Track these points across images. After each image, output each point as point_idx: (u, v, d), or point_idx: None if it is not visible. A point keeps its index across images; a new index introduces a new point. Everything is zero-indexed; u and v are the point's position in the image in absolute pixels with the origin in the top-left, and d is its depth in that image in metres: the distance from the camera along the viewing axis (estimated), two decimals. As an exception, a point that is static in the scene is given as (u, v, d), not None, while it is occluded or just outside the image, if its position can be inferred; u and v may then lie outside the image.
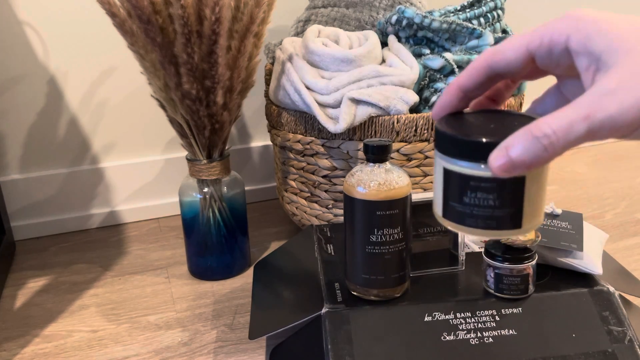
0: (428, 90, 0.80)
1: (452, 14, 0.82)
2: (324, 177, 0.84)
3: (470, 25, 0.80)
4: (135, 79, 1.00)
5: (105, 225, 1.08)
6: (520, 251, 0.59)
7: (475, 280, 0.63)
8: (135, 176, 1.08)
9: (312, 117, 0.81)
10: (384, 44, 0.86)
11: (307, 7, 0.95)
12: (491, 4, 0.83)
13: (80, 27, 0.97)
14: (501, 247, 0.59)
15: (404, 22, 0.81)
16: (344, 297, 0.61)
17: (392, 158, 0.73)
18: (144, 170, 1.08)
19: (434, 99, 0.79)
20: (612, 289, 0.61)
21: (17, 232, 1.02)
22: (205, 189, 0.84)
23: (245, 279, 0.87)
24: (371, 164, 0.56)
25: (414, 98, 0.77)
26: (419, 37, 0.83)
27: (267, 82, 0.91)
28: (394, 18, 0.82)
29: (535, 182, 0.33)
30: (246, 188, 0.90)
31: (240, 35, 0.75)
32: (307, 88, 0.80)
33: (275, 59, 0.88)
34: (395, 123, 0.76)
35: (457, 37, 0.81)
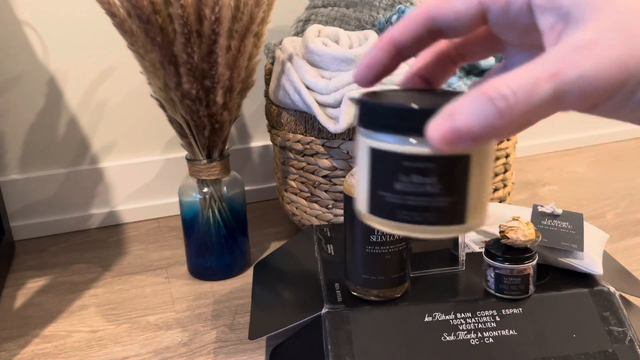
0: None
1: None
2: (324, 177, 0.84)
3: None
4: (135, 79, 1.00)
5: (105, 225, 1.08)
6: (521, 251, 0.58)
7: (475, 281, 0.63)
8: (135, 176, 1.07)
9: (312, 117, 0.80)
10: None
11: (307, 7, 0.95)
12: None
13: (80, 27, 0.97)
14: (502, 247, 0.59)
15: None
16: (344, 298, 0.60)
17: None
18: (144, 170, 1.08)
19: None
20: (612, 289, 0.60)
21: (16, 232, 1.02)
22: (205, 189, 0.84)
23: (245, 279, 0.87)
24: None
25: (414, 98, 0.76)
26: (419, 36, 0.82)
27: (267, 82, 0.91)
28: (394, 18, 0.82)
29: (480, 165, 0.27)
30: (246, 188, 0.90)
31: (240, 35, 0.74)
32: (307, 88, 0.80)
33: (275, 59, 0.87)
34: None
35: (457, 36, 0.81)
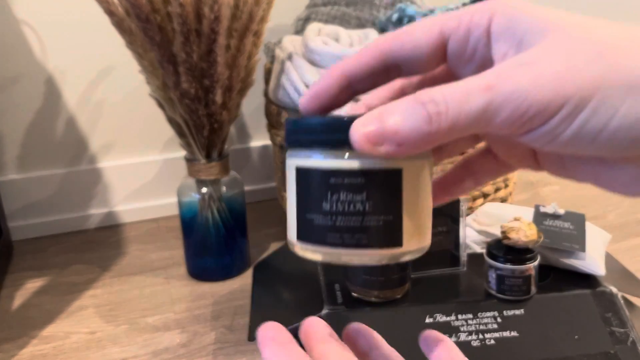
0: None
1: (453, 13, 0.82)
2: (323, 177, 0.83)
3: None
4: (134, 78, 0.99)
5: (104, 225, 1.07)
6: (522, 252, 0.58)
7: (476, 282, 0.62)
8: (134, 176, 1.07)
9: (312, 116, 0.80)
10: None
11: (307, 6, 0.94)
12: (492, 3, 0.83)
13: (78, 26, 0.97)
14: (503, 247, 0.59)
15: (405, 21, 0.81)
16: (344, 299, 0.60)
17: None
18: (143, 170, 1.08)
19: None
20: (614, 290, 0.60)
21: (15, 232, 1.02)
22: (204, 189, 0.84)
23: (244, 280, 0.87)
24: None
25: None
26: (419, 35, 0.82)
27: (267, 81, 0.90)
28: (395, 16, 0.82)
29: (414, 181, 0.25)
30: (246, 188, 0.90)
31: (239, 34, 0.74)
32: (307, 87, 0.80)
33: (274, 58, 0.87)
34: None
35: (458, 35, 0.80)
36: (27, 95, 0.98)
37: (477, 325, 0.57)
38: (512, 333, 0.57)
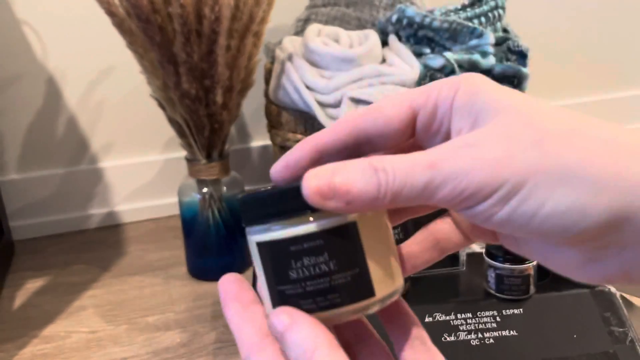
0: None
1: (453, 13, 0.82)
2: (323, 177, 0.83)
3: (471, 24, 0.80)
4: (134, 79, 0.99)
5: (104, 225, 1.07)
6: (522, 252, 0.58)
7: (476, 281, 0.62)
8: (134, 176, 1.07)
9: (312, 116, 0.80)
10: (385, 43, 0.85)
11: (307, 6, 0.95)
12: (492, 3, 0.83)
13: (79, 26, 0.97)
14: (502, 247, 0.59)
15: (405, 22, 0.81)
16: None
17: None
18: (143, 170, 1.08)
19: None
20: (613, 289, 0.60)
21: (15, 232, 1.02)
22: (205, 189, 0.84)
23: (244, 280, 0.87)
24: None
25: (415, 98, 0.76)
26: (419, 36, 0.82)
27: (267, 82, 0.90)
28: (395, 17, 0.82)
29: (373, 227, 0.26)
30: (246, 188, 0.90)
31: (239, 34, 0.74)
32: (307, 87, 0.80)
33: (275, 58, 0.87)
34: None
35: (458, 36, 0.81)
36: (28, 95, 0.98)
37: (476, 325, 0.57)
38: (511, 332, 0.57)
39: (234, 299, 0.27)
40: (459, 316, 0.58)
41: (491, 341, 0.56)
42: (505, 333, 0.57)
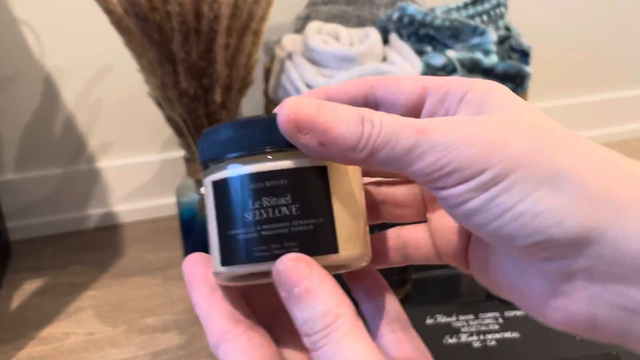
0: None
1: (455, 11, 0.81)
2: (323, 177, 0.83)
3: (472, 22, 0.79)
4: (132, 78, 0.99)
5: (102, 225, 1.07)
6: (524, 252, 0.58)
7: (478, 282, 0.62)
8: (132, 176, 1.07)
9: (311, 116, 0.80)
10: (385, 42, 0.85)
11: (307, 4, 0.94)
12: (494, 1, 0.82)
13: (77, 25, 0.96)
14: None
15: (406, 20, 0.80)
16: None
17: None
18: (141, 170, 1.07)
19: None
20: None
21: (12, 232, 1.01)
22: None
23: (244, 280, 0.87)
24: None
25: (415, 97, 0.76)
26: (421, 34, 0.82)
27: (266, 81, 0.90)
28: (396, 15, 0.81)
29: (343, 180, 0.23)
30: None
31: (239, 32, 0.74)
32: (307, 86, 0.79)
33: (274, 57, 0.87)
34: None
35: (459, 34, 0.80)
36: (25, 94, 0.97)
37: (479, 326, 0.57)
38: (514, 334, 0.56)
39: (200, 281, 0.26)
40: (460, 318, 0.57)
41: (493, 343, 0.56)
42: (508, 335, 0.56)
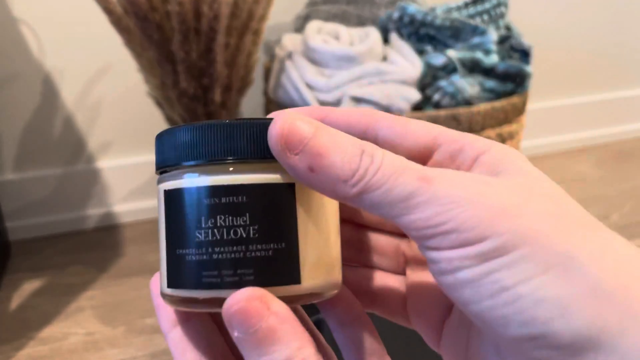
0: (431, 88, 0.79)
1: (455, 11, 0.81)
2: (324, 177, 0.83)
3: (473, 22, 0.79)
4: (132, 77, 0.99)
5: (102, 226, 1.06)
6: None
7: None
8: (132, 176, 1.06)
9: (312, 116, 0.79)
10: (386, 41, 0.84)
11: (307, 4, 0.94)
12: (494, 1, 0.82)
13: (76, 25, 0.96)
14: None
15: (406, 19, 0.80)
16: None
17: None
18: (141, 170, 1.07)
19: (436, 97, 0.78)
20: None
21: (12, 233, 1.01)
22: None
23: (244, 281, 0.86)
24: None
25: (416, 96, 0.75)
26: (421, 34, 0.82)
27: (266, 80, 0.90)
28: (396, 15, 0.81)
29: (313, 202, 0.21)
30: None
31: (238, 32, 0.73)
32: (307, 86, 0.79)
33: (274, 57, 0.86)
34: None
35: (460, 34, 0.80)
36: (25, 94, 0.97)
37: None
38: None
39: (173, 322, 0.23)
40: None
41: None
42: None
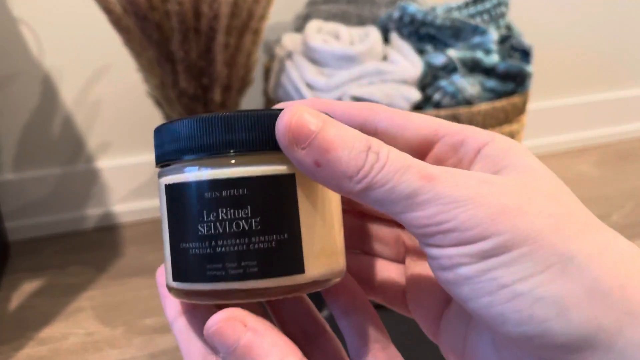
0: (431, 87, 0.79)
1: (456, 10, 0.81)
2: (324, 177, 0.82)
3: (473, 21, 0.79)
4: (131, 77, 0.99)
5: (101, 226, 1.06)
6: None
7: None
8: (131, 176, 1.06)
9: (311, 115, 0.79)
10: (386, 41, 0.84)
11: (307, 3, 0.94)
12: (495, 1, 0.82)
13: (75, 24, 0.96)
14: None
15: (407, 19, 0.80)
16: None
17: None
18: (140, 170, 1.07)
19: (437, 96, 0.78)
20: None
21: (11, 233, 1.01)
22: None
23: (243, 281, 0.86)
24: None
25: (416, 96, 0.75)
26: (421, 33, 0.81)
27: (266, 80, 0.89)
28: (396, 14, 0.81)
29: (314, 191, 0.21)
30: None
31: (238, 31, 0.73)
32: (307, 86, 0.79)
33: (274, 56, 0.86)
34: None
35: (460, 33, 0.80)
36: (24, 94, 0.97)
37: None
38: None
39: (180, 312, 0.24)
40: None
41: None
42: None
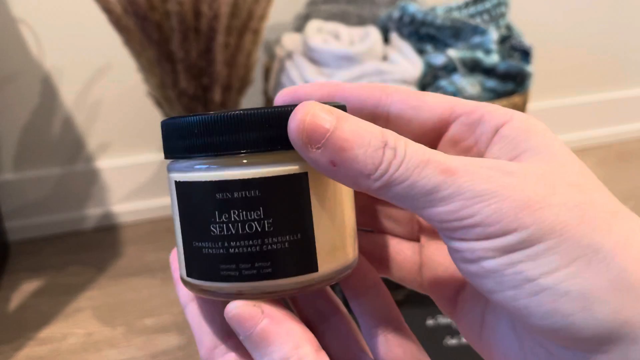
0: (431, 87, 0.79)
1: (456, 11, 0.81)
2: (323, 177, 0.82)
3: (473, 21, 0.79)
4: (131, 77, 0.99)
5: (101, 226, 1.06)
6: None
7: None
8: (131, 176, 1.06)
9: (311, 115, 0.79)
10: (386, 41, 0.84)
11: (307, 3, 0.94)
12: (495, 1, 0.82)
13: (75, 24, 0.96)
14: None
15: (407, 19, 0.80)
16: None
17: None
18: (140, 170, 1.07)
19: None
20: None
21: (11, 233, 1.01)
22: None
23: (243, 281, 0.86)
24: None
25: (416, 96, 0.75)
26: (421, 33, 0.82)
27: (266, 80, 0.90)
28: (397, 14, 0.81)
29: (325, 190, 0.21)
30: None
31: (238, 31, 0.73)
32: (307, 86, 0.79)
33: (274, 56, 0.86)
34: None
35: (460, 33, 0.80)
36: (24, 94, 0.97)
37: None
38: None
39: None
40: (462, 319, 0.57)
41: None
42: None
